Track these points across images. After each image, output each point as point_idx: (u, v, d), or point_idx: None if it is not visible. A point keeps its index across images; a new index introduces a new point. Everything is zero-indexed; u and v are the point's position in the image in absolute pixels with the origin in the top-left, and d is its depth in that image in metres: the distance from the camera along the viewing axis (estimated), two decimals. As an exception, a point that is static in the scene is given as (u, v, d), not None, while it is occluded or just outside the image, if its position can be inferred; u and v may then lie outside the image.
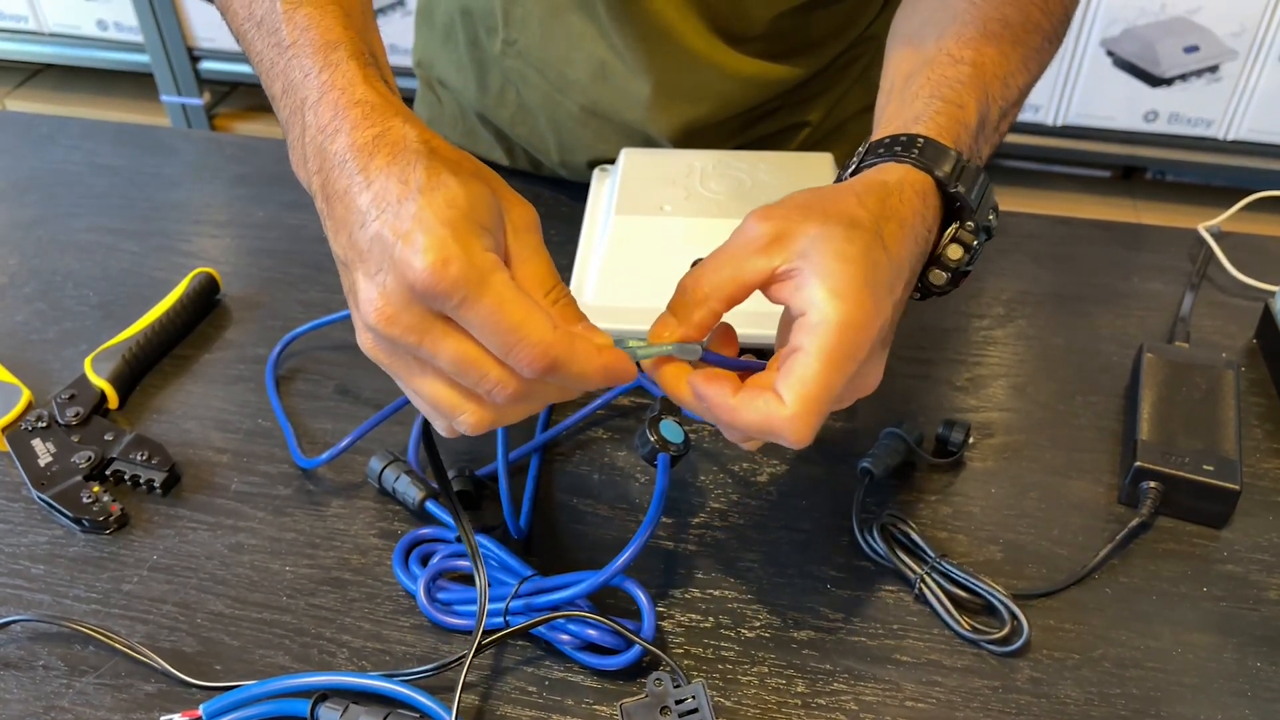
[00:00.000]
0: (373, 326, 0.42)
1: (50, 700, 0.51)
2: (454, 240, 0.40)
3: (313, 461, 0.61)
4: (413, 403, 0.46)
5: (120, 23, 2.22)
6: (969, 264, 0.52)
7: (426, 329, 0.42)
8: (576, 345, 0.43)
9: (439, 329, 0.42)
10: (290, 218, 0.84)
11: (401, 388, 0.46)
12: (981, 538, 0.59)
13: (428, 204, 0.41)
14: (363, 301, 0.42)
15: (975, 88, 0.54)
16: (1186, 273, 0.78)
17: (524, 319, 0.41)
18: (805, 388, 0.44)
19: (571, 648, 0.52)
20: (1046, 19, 0.60)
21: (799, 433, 0.44)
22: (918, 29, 0.60)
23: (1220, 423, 0.62)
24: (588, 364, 0.43)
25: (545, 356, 0.42)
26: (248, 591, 0.56)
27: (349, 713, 0.49)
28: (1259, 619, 0.55)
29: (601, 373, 0.44)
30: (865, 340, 0.45)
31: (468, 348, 0.42)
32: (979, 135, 0.54)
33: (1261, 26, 1.78)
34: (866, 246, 0.46)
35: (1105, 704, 0.52)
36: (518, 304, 0.41)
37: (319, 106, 0.45)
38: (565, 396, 0.47)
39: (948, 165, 0.50)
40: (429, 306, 0.42)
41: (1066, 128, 1.95)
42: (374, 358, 0.45)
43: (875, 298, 0.45)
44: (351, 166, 0.43)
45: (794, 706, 0.51)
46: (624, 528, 0.60)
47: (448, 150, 0.44)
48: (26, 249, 0.81)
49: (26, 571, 0.57)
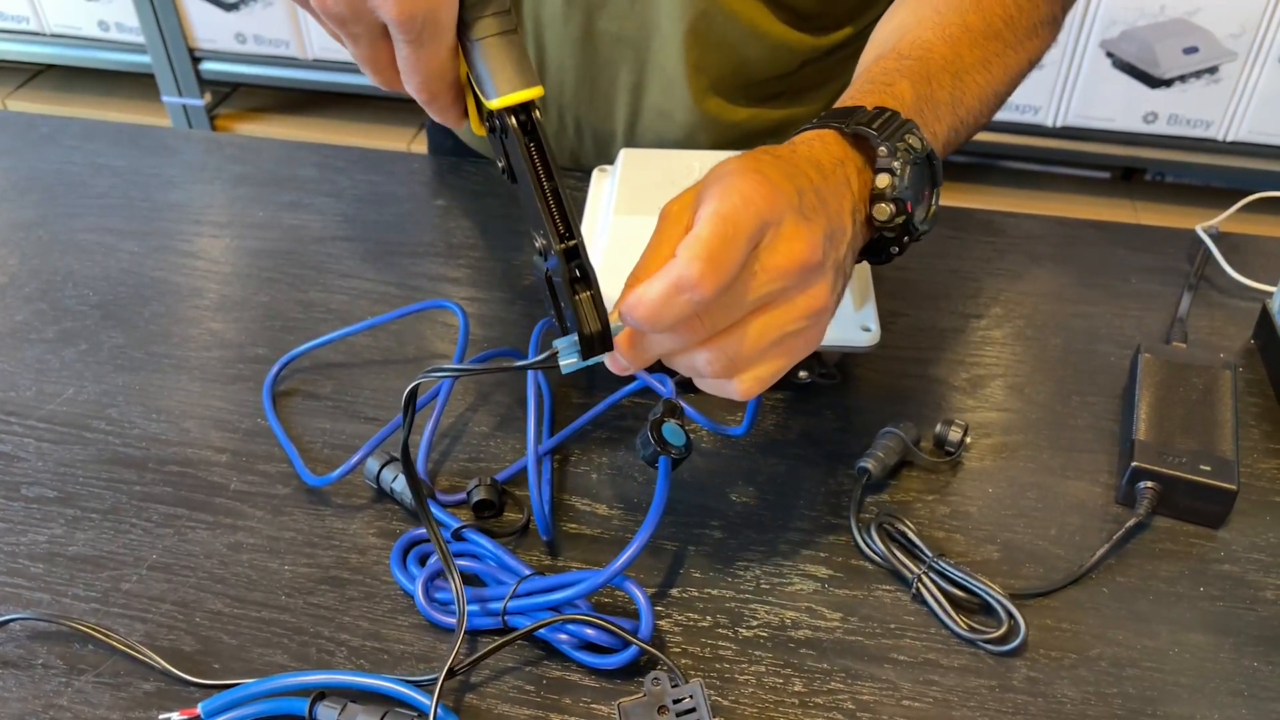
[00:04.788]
0: (316, 8, 0.47)
1: (49, 699, 0.51)
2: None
3: (322, 480, 0.61)
4: None
5: (121, 23, 2.22)
6: (903, 193, 0.52)
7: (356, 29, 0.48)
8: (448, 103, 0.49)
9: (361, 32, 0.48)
10: (290, 218, 0.84)
11: None
12: (979, 537, 0.59)
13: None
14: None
15: (913, 75, 0.57)
16: (1184, 273, 0.79)
17: (438, 78, 0.48)
18: (698, 233, 0.44)
19: (570, 647, 0.52)
20: (1008, 29, 0.63)
21: (697, 271, 0.43)
22: (885, 36, 0.64)
23: (1217, 423, 0.62)
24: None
25: (429, 100, 0.49)
26: (246, 590, 0.57)
27: (347, 711, 0.49)
28: (1256, 619, 0.56)
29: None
30: (762, 199, 0.46)
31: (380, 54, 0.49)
32: (918, 111, 0.56)
33: (1261, 28, 1.78)
34: (757, 155, 0.49)
35: (1102, 703, 0.52)
36: (447, 61, 0.48)
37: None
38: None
39: (850, 118, 0.52)
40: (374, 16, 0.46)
41: (1066, 129, 1.95)
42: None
43: (770, 181, 0.46)
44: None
45: (791, 706, 0.52)
46: (623, 527, 0.60)
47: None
48: (27, 249, 0.81)
49: (25, 570, 0.57)
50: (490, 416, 0.67)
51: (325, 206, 0.85)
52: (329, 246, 0.81)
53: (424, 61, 0.47)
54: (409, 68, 0.48)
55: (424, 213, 0.85)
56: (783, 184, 0.47)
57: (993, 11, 0.63)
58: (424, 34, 0.46)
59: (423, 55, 0.47)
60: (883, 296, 0.69)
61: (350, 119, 2.30)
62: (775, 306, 0.47)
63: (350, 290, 0.77)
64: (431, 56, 0.47)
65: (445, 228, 0.83)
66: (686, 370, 0.49)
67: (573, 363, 0.46)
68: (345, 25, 0.47)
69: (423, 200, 0.86)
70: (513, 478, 0.62)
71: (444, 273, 0.79)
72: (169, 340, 0.72)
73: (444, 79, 0.48)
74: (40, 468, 0.63)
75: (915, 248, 0.55)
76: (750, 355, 0.47)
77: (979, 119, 0.62)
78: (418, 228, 0.83)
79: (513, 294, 0.76)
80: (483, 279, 0.78)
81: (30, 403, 0.68)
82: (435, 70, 0.48)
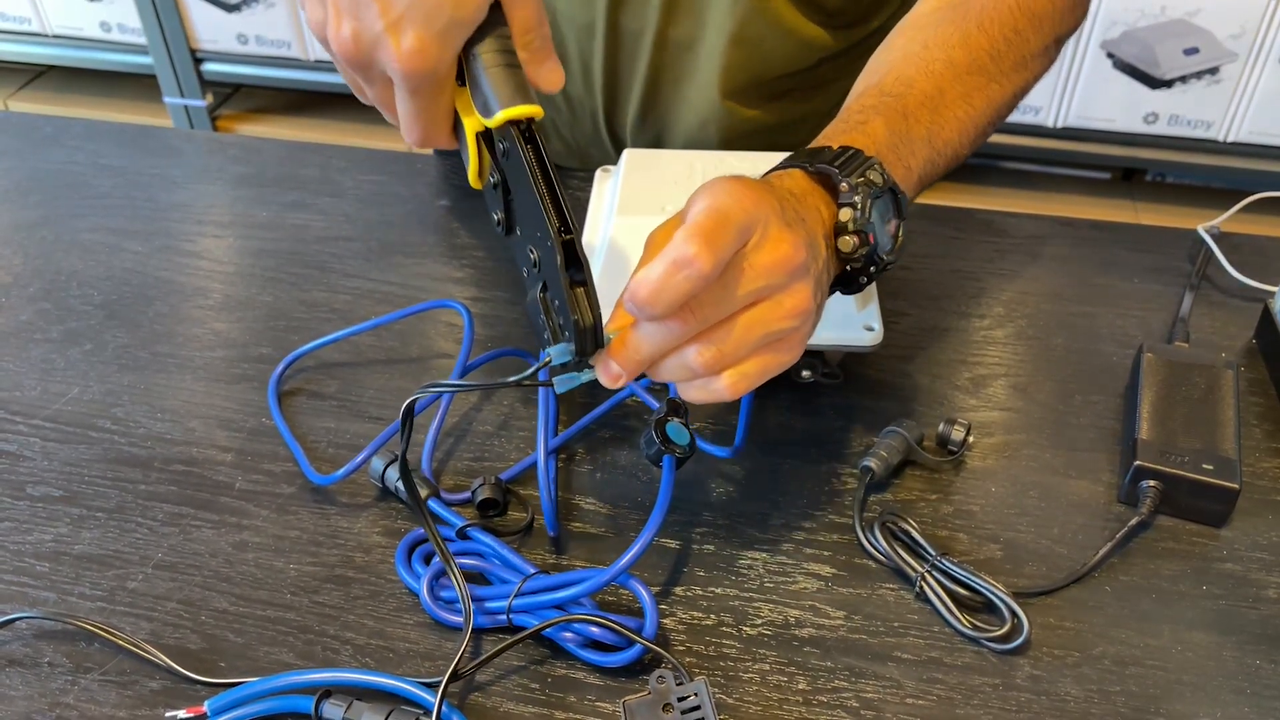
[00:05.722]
0: (335, 55, 0.52)
1: (55, 697, 0.52)
2: (434, 41, 0.48)
3: (327, 479, 0.61)
4: None
5: (123, 24, 2.22)
6: (865, 226, 0.53)
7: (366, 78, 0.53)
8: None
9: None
10: (292, 218, 0.84)
11: None
12: (982, 536, 0.60)
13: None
14: (332, 35, 0.51)
15: (889, 112, 0.60)
16: (1186, 273, 0.79)
17: (430, 126, 0.52)
18: (692, 221, 0.47)
19: (575, 645, 0.53)
20: (994, 63, 0.66)
21: (695, 248, 0.45)
22: (875, 68, 0.66)
23: (1219, 422, 0.62)
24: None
25: (417, 143, 0.54)
26: (252, 589, 0.57)
27: (353, 709, 0.49)
28: (1258, 617, 0.56)
29: None
30: (749, 199, 0.48)
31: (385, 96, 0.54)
32: (892, 146, 0.59)
33: (1261, 29, 1.78)
34: (739, 177, 0.51)
35: (1105, 701, 0.52)
36: (441, 112, 0.52)
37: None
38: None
39: (815, 157, 0.55)
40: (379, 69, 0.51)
41: (1067, 129, 1.95)
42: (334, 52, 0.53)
43: (753, 187, 0.49)
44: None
45: (795, 704, 0.52)
46: (626, 526, 0.60)
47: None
48: (30, 249, 0.81)
49: (31, 569, 0.58)
50: (494, 416, 0.67)
51: (328, 206, 0.85)
52: (332, 246, 0.81)
53: (423, 111, 0.52)
54: (408, 119, 0.52)
55: (427, 213, 0.85)
56: (766, 193, 0.50)
57: (979, 47, 0.65)
58: (423, 86, 0.50)
59: (421, 105, 0.51)
60: (885, 296, 0.69)
61: (352, 120, 2.30)
62: (763, 303, 0.49)
63: (353, 290, 0.77)
64: (430, 107, 0.52)
65: (448, 228, 0.83)
66: (675, 373, 0.50)
67: (566, 379, 0.48)
68: (359, 71, 0.52)
69: (426, 200, 0.87)
70: (517, 477, 0.62)
71: (447, 273, 0.79)
72: (173, 340, 0.73)
73: (441, 129, 0.53)
74: (46, 467, 0.63)
75: (917, 248, 0.56)
76: (738, 349, 0.49)
77: (959, 150, 0.64)
78: (421, 228, 0.83)
79: (516, 294, 0.76)
80: (486, 279, 0.78)
81: (35, 402, 0.68)
82: (433, 120, 0.52)
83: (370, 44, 0.50)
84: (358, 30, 0.50)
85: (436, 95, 0.51)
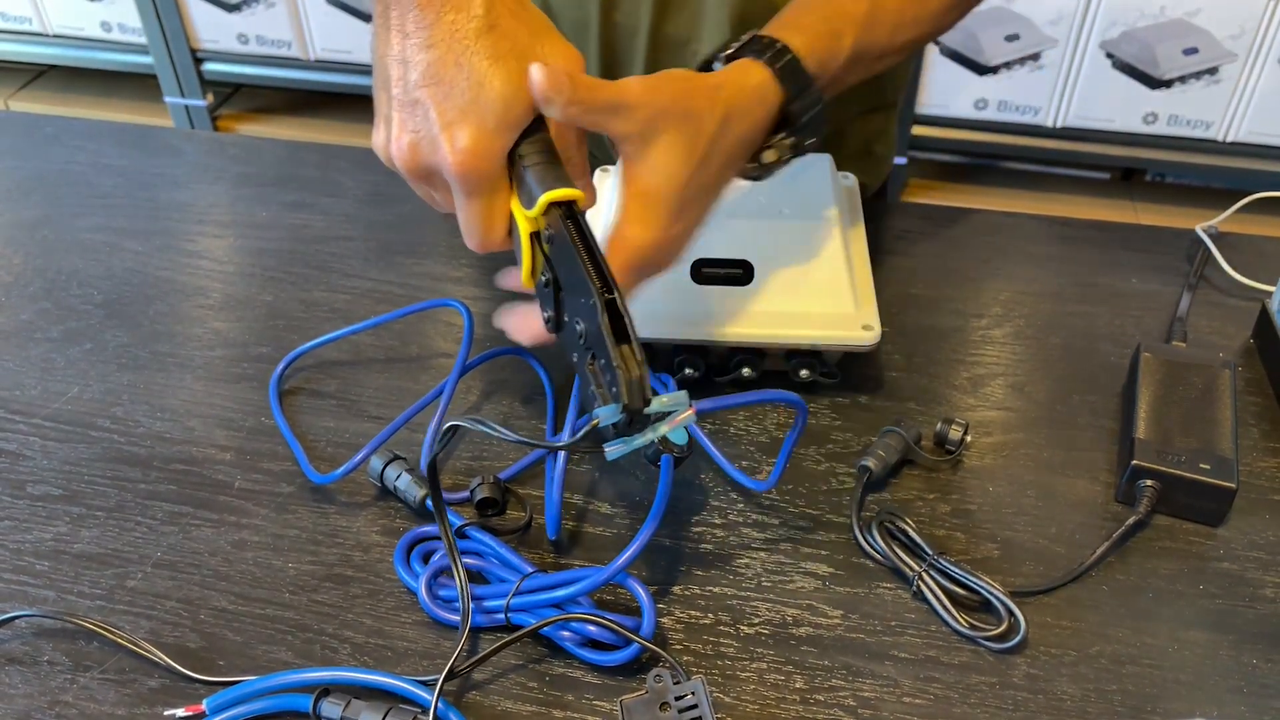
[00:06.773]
0: (399, 169, 0.53)
1: (54, 695, 0.52)
2: (485, 140, 0.50)
3: (326, 477, 0.62)
4: None
5: (124, 24, 2.22)
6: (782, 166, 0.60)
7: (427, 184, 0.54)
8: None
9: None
10: (293, 218, 0.84)
11: None
12: (979, 535, 0.60)
13: (473, 102, 0.49)
14: (395, 151, 0.52)
15: (861, 26, 0.62)
16: (1184, 273, 0.79)
17: (487, 228, 0.53)
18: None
19: (572, 644, 0.53)
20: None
21: (642, 227, 0.53)
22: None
23: (1217, 422, 0.62)
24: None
25: (477, 247, 0.54)
26: (250, 588, 0.57)
27: (351, 707, 0.49)
28: (1255, 616, 0.56)
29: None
30: (672, 201, 0.54)
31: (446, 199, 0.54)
32: (847, 66, 0.62)
33: (1260, 29, 1.78)
34: (694, 136, 0.54)
35: (1102, 700, 0.52)
36: (496, 214, 0.53)
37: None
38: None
39: (800, 88, 0.58)
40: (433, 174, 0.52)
41: (1066, 129, 1.95)
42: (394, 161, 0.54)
43: (687, 189, 0.54)
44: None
45: (792, 702, 0.52)
46: (624, 525, 0.60)
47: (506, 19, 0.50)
48: (31, 248, 0.81)
49: (31, 568, 0.58)
50: (494, 416, 0.67)
51: (328, 206, 0.86)
52: (332, 246, 0.81)
53: (480, 214, 0.52)
54: (466, 222, 0.53)
55: (426, 213, 0.85)
56: (695, 174, 0.56)
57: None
58: (478, 186, 0.51)
59: (478, 208, 0.52)
60: (883, 296, 0.69)
61: (352, 119, 2.30)
62: None
63: (353, 289, 0.77)
64: (486, 209, 0.52)
65: (447, 228, 0.84)
66: None
67: (618, 444, 0.47)
68: (423, 181, 0.53)
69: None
70: (515, 476, 0.62)
71: (446, 272, 0.79)
72: (173, 339, 0.73)
73: (497, 231, 0.53)
74: (45, 466, 0.64)
75: (918, 248, 0.56)
76: None
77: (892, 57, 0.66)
78: (420, 228, 0.84)
79: (514, 295, 0.76)
80: (485, 279, 0.78)
81: (35, 401, 0.68)
82: (489, 222, 0.53)
83: (428, 150, 0.51)
84: (415, 140, 0.51)
85: (491, 196, 0.52)
